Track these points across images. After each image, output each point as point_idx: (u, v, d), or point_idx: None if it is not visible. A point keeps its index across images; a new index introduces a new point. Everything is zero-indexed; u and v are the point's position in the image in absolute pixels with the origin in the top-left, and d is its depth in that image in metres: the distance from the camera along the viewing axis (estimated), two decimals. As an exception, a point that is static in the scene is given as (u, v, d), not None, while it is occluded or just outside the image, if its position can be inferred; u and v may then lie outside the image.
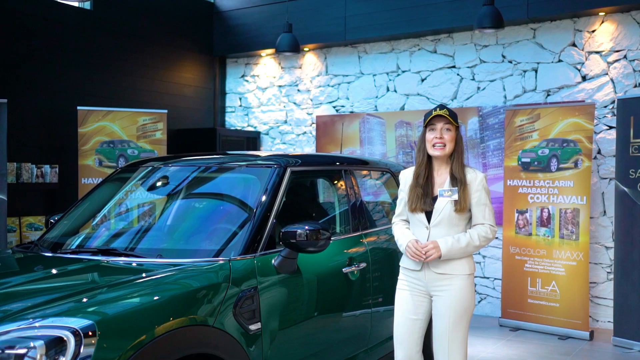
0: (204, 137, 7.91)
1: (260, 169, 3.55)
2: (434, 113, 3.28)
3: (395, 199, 4.56)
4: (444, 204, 3.22)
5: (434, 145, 3.26)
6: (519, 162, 6.12)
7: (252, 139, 8.33)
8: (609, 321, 6.06)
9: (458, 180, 3.24)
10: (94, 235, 3.57)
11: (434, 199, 3.27)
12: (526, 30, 6.60)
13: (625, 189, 5.43)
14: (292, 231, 3.11)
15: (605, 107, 6.18)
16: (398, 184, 4.56)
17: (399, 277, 3.42)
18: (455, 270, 3.24)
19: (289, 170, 3.51)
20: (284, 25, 6.94)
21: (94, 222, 3.72)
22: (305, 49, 7.92)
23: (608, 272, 6.12)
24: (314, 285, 3.38)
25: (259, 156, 3.77)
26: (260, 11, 8.13)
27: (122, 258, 3.12)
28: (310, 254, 3.28)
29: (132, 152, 6.74)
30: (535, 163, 6.03)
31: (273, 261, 3.16)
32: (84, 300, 2.51)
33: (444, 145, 3.25)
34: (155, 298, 2.61)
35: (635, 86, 6.03)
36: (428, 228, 3.25)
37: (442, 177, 3.32)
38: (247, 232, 3.17)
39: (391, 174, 4.58)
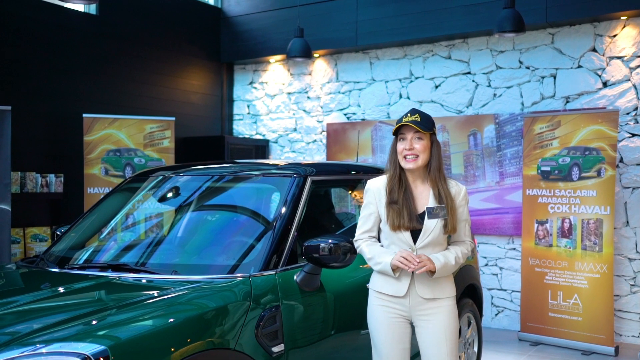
0: (212, 145, 7.72)
1: (279, 179, 3.36)
2: (403, 120, 2.92)
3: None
4: (434, 224, 2.89)
5: (405, 157, 2.91)
6: (539, 171, 5.92)
7: (261, 147, 8.14)
8: (633, 335, 5.85)
9: (444, 196, 2.90)
10: (103, 249, 3.38)
11: (420, 216, 2.91)
12: (544, 35, 6.41)
13: (652, 198, 5.23)
14: (315, 245, 2.92)
15: (628, 114, 5.98)
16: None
17: (371, 302, 3.02)
18: (443, 293, 2.95)
19: (309, 180, 3.32)
20: (295, 30, 6.76)
21: (103, 235, 3.53)
22: (315, 55, 7.74)
23: (632, 285, 5.91)
24: (337, 303, 3.18)
25: (276, 165, 3.58)
26: (268, 17, 7.96)
27: (134, 274, 2.93)
28: (333, 269, 3.08)
29: (139, 161, 6.55)
30: (556, 172, 5.83)
31: (295, 277, 2.97)
32: (94, 322, 2.32)
33: (416, 157, 2.90)
34: (171, 320, 2.41)
35: (659, 92, 5.85)
36: (414, 249, 2.89)
37: (422, 191, 2.96)
38: (267, 246, 2.98)
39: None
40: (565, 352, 5.61)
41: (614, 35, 6.08)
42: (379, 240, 3.06)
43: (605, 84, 6.12)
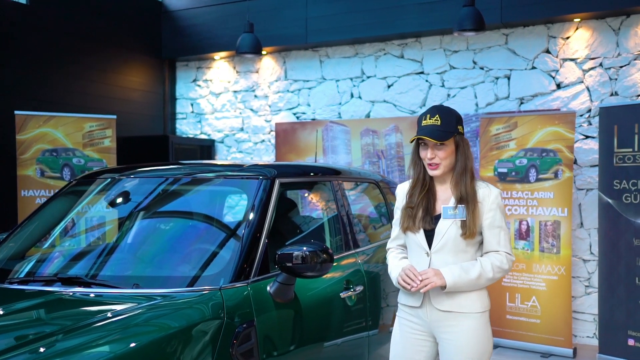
0: (156, 145, 7.33)
1: (245, 181, 3.09)
2: (422, 123, 2.67)
3: (382, 212, 4.18)
4: (448, 225, 2.64)
5: (429, 165, 2.69)
6: (495, 173, 5.85)
7: (207, 148, 7.80)
8: (587, 336, 5.86)
9: (465, 198, 2.64)
10: (48, 259, 3.02)
11: (437, 217, 2.69)
12: (498, 36, 6.36)
13: (610, 200, 5.23)
14: (289, 253, 2.67)
15: (581, 115, 5.99)
16: (384, 197, 4.20)
17: (396, 314, 2.86)
18: (464, 307, 2.64)
19: (277, 182, 3.06)
20: (244, 25, 6.47)
21: (47, 244, 3.17)
22: (263, 52, 7.46)
23: (586, 286, 5.91)
24: (313, 315, 2.94)
25: (240, 166, 3.30)
26: (212, 11, 7.63)
27: (88, 289, 2.60)
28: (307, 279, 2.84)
29: (77, 162, 6.11)
30: (513, 173, 5.77)
31: (268, 288, 2.71)
32: (42, 350, 2.00)
33: (438, 165, 2.67)
34: (132, 345, 2.10)
35: (612, 94, 5.87)
36: (429, 254, 2.66)
37: (447, 193, 2.72)
38: (237, 255, 2.71)
39: (377, 186, 4.19)
40: (524, 355, 5.55)
41: (567, 37, 6.08)
42: None
43: (559, 86, 6.12)
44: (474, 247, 2.70)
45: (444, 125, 2.64)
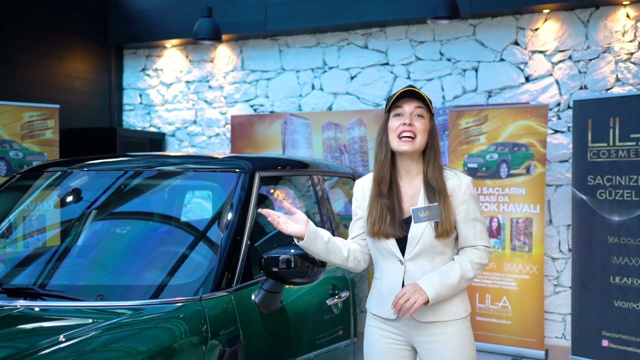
0: (101, 137, 6.82)
1: (221, 175, 2.74)
2: (401, 90, 2.37)
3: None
4: (422, 229, 2.32)
5: (399, 136, 2.33)
6: (465, 168, 5.64)
7: (156, 141, 7.33)
8: (556, 337, 5.73)
9: (436, 191, 2.34)
10: (-10, 266, 2.59)
11: (406, 220, 2.37)
12: (466, 27, 6.16)
13: (584, 196, 5.08)
14: (276, 257, 2.34)
15: (550, 109, 5.85)
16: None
17: (367, 323, 2.53)
18: (446, 315, 2.37)
19: (257, 176, 2.72)
20: (202, 9, 6.06)
21: (-12, 247, 2.74)
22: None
23: (555, 285, 5.78)
24: (300, 326, 2.61)
25: (214, 158, 2.94)
26: (164, -4, 7.17)
27: (38, 302, 2.20)
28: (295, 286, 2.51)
29: (15, 155, 5.59)
30: (483, 169, 5.58)
31: (253, 297, 2.37)
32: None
33: (414, 137, 2.32)
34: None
35: (581, 88, 5.74)
36: (403, 262, 2.36)
37: (413, 187, 2.40)
38: (217, 260, 2.35)
39: (353, 180, 3.89)
40: (495, 358, 5.37)
41: (536, 29, 5.92)
42: None
43: (527, 79, 5.96)
44: (451, 246, 2.41)
45: (424, 97, 2.40)
